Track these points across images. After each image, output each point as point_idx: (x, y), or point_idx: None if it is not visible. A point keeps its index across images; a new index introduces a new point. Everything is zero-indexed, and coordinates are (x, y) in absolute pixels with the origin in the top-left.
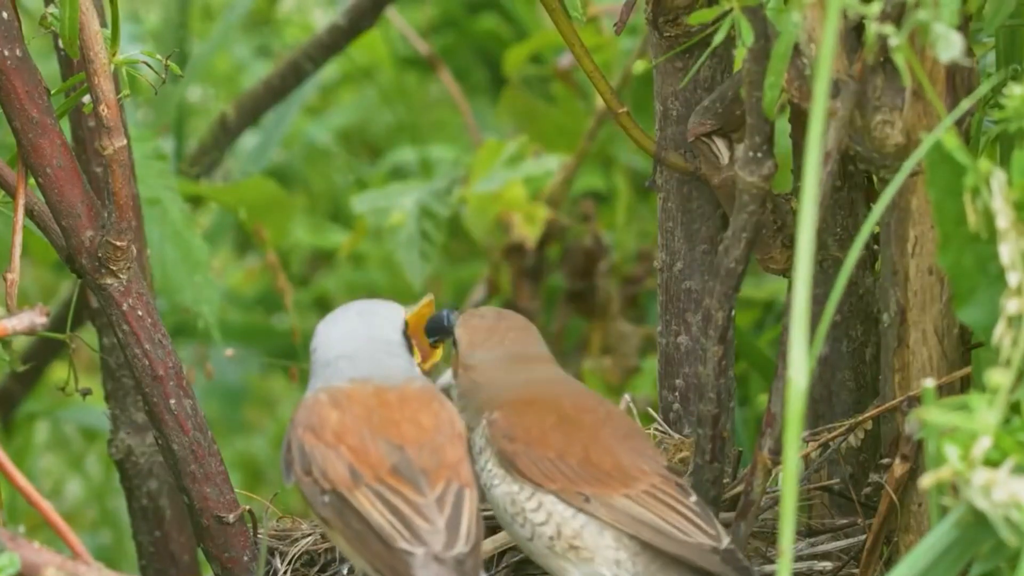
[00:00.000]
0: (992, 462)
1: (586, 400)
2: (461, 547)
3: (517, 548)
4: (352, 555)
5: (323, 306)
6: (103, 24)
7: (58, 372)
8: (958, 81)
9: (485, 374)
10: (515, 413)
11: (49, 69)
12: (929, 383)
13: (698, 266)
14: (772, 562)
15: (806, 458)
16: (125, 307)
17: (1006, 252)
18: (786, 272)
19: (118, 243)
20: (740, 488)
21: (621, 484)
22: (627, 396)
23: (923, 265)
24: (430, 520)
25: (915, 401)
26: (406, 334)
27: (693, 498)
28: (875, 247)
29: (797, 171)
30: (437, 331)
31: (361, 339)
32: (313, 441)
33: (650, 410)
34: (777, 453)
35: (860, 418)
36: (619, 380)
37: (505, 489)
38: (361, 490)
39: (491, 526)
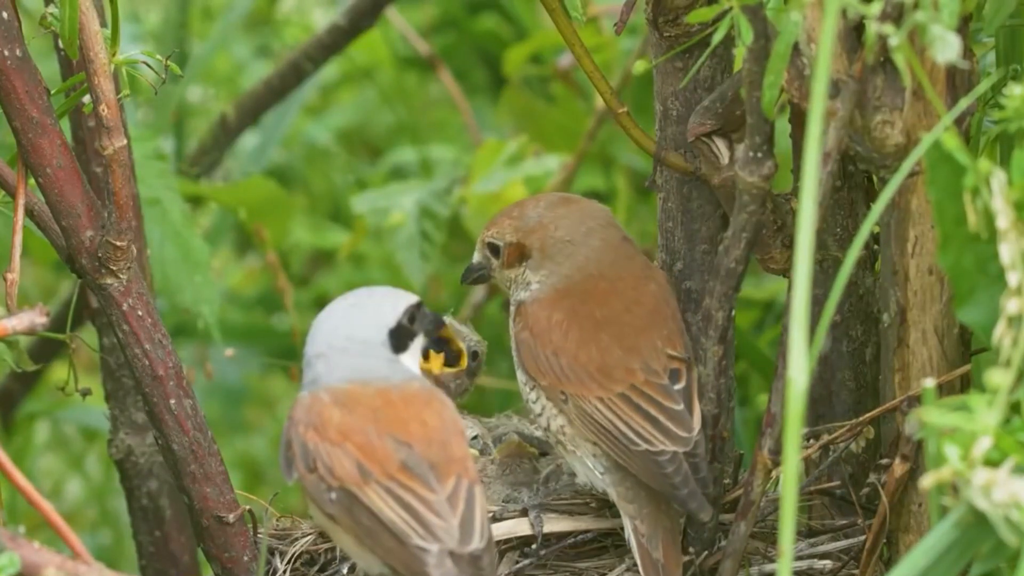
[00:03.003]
0: (992, 462)
1: (615, 283)
2: (477, 543)
3: (518, 553)
4: (359, 553)
5: (323, 306)
6: (103, 24)
7: (58, 372)
8: (958, 81)
9: (557, 225)
10: (536, 304)
11: (49, 69)
12: (929, 383)
13: (698, 266)
14: (773, 562)
15: (807, 462)
16: (125, 307)
17: (1006, 252)
18: (786, 272)
19: (118, 243)
20: (741, 492)
21: (599, 386)
22: None
23: (923, 265)
24: (443, 516)
25: (915, 401)
26: (398, 330)
27: (680, 386)
28: (875, 247)
29: (797, 171)
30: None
31: (339, 339)
32: (316, 439)
33: None
34: (777, 453)
35: (860, 420)
36: None
37: (520, 376)
38: (371, 487)
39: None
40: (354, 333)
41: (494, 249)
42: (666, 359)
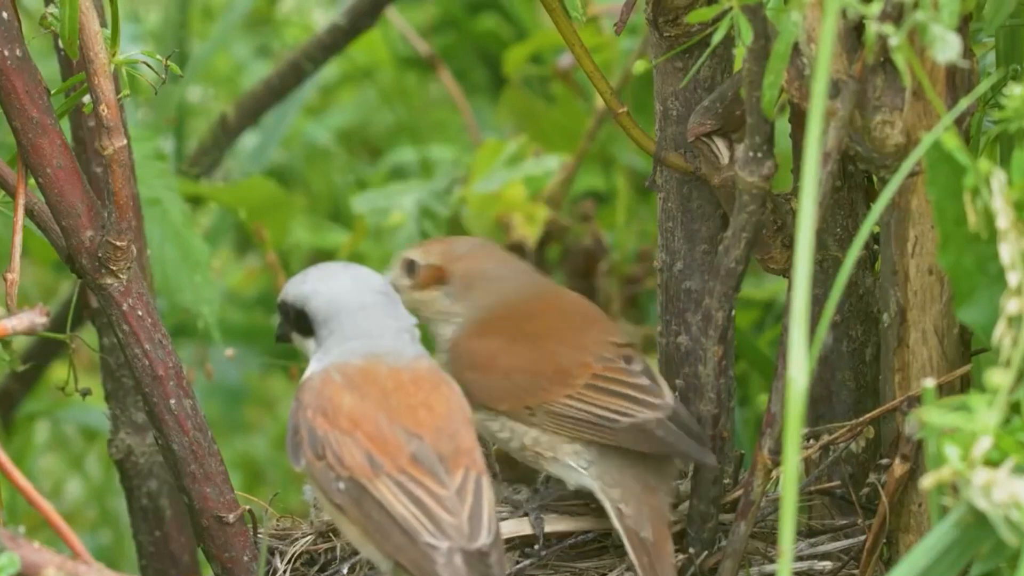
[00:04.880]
0: (992, 462)
1: (540, 304)
2: (484, 539)
3: (518, 553)
4: (364, 544)
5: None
6: (103, 24)
7: (58, 372)
8: (958, 81)
9: (482, 262)
10: (470, 340)
11: (49, 69)
12: (929, 383)
13: (698, 266)
14: (773, 562)
15: (808, 462)
16: (125, 307)
17: (1006, 252)
18: (786, 272)
19: (118, 243)
20: (741, 492)
21: (562, 386)
22: None
23: (923, 265)
24: (453, 513)
25: (915, 401)
26: None
27: (638, 367)
28: (875, 247)
29: (797, 171)
30: None
31: (371, 286)
32: (326, 426)
33: None
34: (777, 453)
35: (860, 420)
36: None
37: (475, 416)
38: (382, 479)
39: None
40: (382, 284)
41: (410, 267)
42: (615, 348)
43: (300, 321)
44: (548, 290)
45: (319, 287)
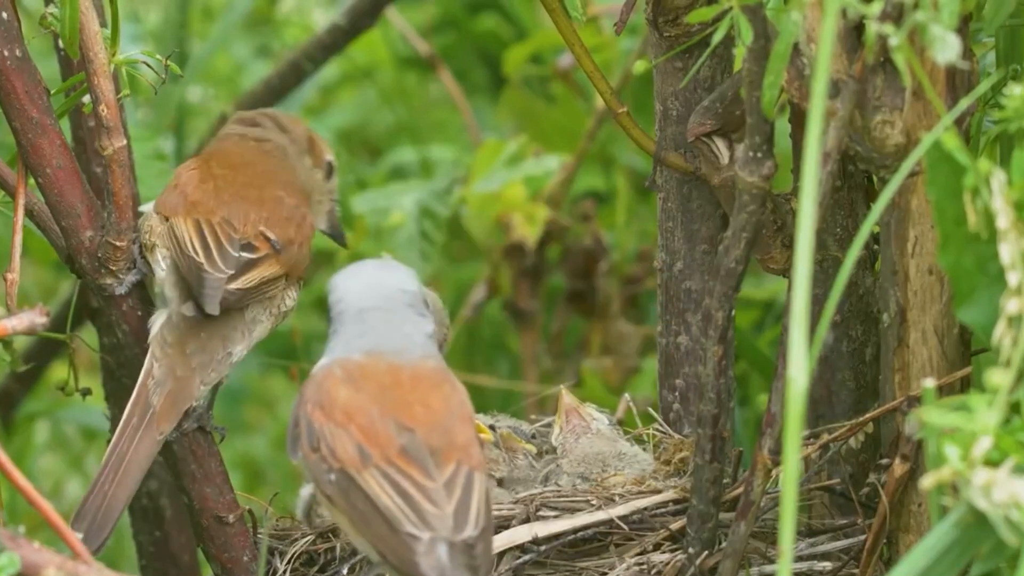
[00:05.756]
0: (992, 462)
1: None
2: (470, 531)
3: (518, 550)
4: (354, 535)
5: (323, 306)
6: (103, 24)
7: (58, 372)
8: (958, 81)
9: None
10: None
11: (49, 69)
12: (929, 383)
13: (698, 266)
14: (772, 562)
15: (807, 460)
16: (125, 307)
17: (1006, 252)
18: (786, 272)
19: (118, 243)
20: (741, 489)
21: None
22: (627, 396)
23: (923, 265)
24: (438, 504)
25: (915, 401)
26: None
27: None
28: (875, 247)
29: (797, 171)
30: None
31: (389, 288)
32: (322, 419)
33: (650, 410)
34: (777, 453)
35: (861, 419)
36: (619, 380)
37: None
38: (369, 471)
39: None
40: (405, 287)
41: None
42: None
43: (327, 312)
44: None
45: (338, 282)
